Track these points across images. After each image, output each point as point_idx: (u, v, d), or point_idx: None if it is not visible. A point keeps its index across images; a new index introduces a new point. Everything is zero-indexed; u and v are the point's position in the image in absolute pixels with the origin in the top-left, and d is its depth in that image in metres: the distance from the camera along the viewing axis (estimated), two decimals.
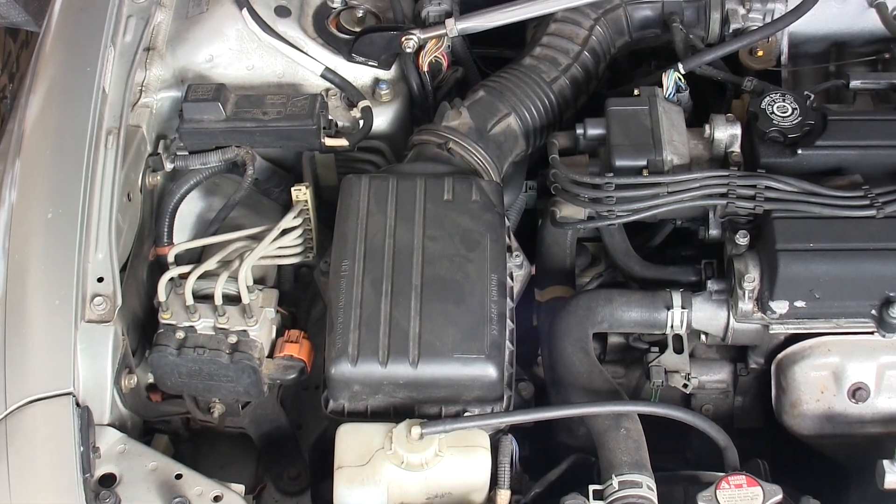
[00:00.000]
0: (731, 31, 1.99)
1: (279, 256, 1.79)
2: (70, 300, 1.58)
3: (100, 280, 1.60)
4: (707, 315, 1.72)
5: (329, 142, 1.87)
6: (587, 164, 1.82)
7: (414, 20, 2.06)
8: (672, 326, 1.72)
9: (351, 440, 1.49)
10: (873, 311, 1.64)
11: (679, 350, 1.78)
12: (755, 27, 1.97)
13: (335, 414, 1.55)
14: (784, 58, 2.04)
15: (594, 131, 1.81)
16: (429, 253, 1.60)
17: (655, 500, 1.47)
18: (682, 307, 1.71)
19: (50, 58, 1.85)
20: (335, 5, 2.04)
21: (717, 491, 1.49)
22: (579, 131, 1.82)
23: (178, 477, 1.54)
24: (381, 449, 1.47)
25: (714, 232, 1.74)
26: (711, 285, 1.71)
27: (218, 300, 1.66)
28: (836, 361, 1.70)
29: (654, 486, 1.48)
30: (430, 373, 1.51)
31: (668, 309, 1.71)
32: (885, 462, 1.54)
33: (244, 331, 1.67)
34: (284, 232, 1.76)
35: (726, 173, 1.69)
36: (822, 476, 1.76)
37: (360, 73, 2.00)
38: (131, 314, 1.70)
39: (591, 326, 1.71)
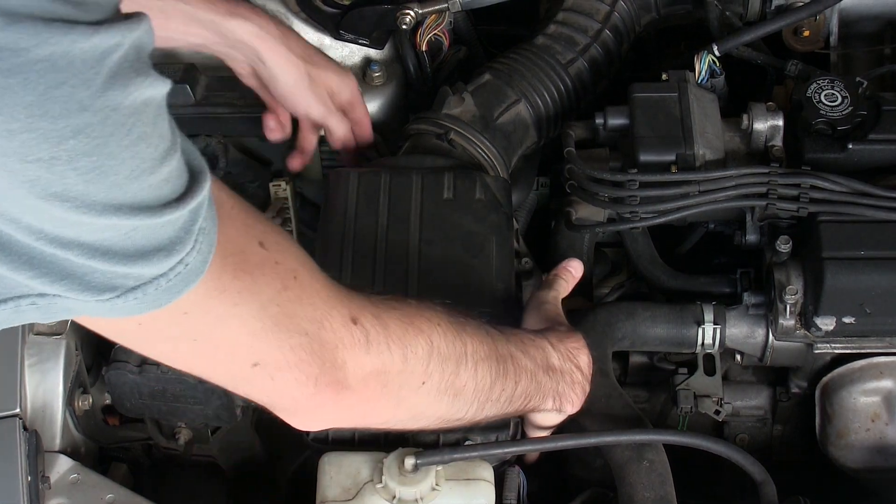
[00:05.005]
0: (773, 7, 2.00)
1: None
2: None
3: None
4: (743, 332, 1.74)
5: None
6: (607, 158, 1.84)
7: None
8: (703, 345, 1.74)
9: (335, 472, 1.50)
10: None
11: (710, 371, 1.79)
12: (801, 3, 1.98)
13: (317, 442, 1.57)
14: (833, 39, 2.05)
15: (616, 121, 1.83)
16: (426, 258, 1.62)
17: None
18: (715, 323, 1.73)
19: None
20: None
21: None
22: (599, 121, 1.84)
23: None
24: (369, 482, 1.48)
25: (751, 237, 1.76)
26: (748, 298, 1.73)
27: None
28: (889, 386, 1.72)
29: None
30: None
31: (699, 325, 1.73)
32: None
33: None
34: None
35: (766, 170, 1.70)
36: None
37: (348, 53, 2.02)
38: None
39: (611, 344, 1.73)
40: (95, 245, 0.90)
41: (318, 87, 1.74)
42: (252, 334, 1.11)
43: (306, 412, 1.26)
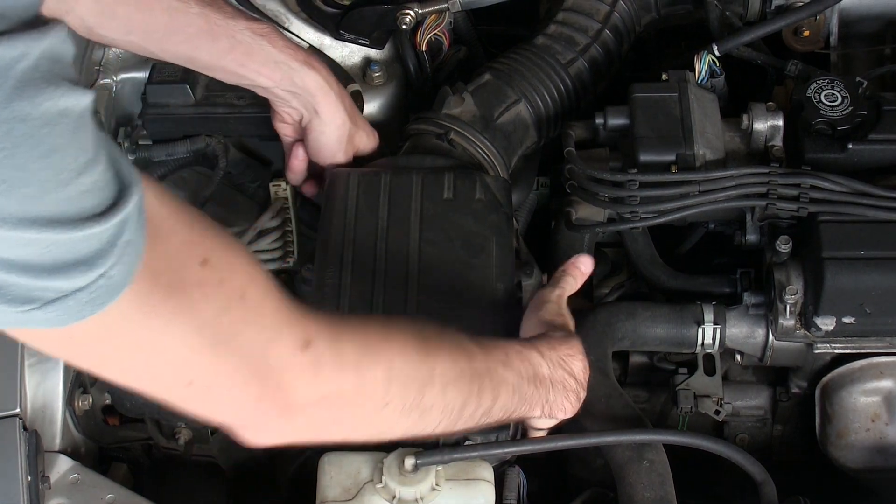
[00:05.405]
0: (773, 7, 2.01)
1: None
2: None
3: None
4: (743, 332, 1.74)
5: None
6: (607, 158, 1.84)
7: None
8: (703, 345, 1.74)
9: (335, 472, 1.50)
10: None
11: (710, 372, 1.79)
12: (801, 3, 1.98)
13: None
14: (833, 39, 2.05)
15: (616, 121, 1.83)
16: (426, 259, 1.62)
17: None
18: (715, 323, 1.73)
19: None
20: None
21: None
22: (599, 121, 1.84)
23: None
24: (369, 482, 1.48)
25: (751, 237, 1.76)
26: (748, 298, 1.73)
27: None
28: (889, 386, 1.72)
29: None
30: None
31: (699, 325, 1.73)
32: None
33: None
34: (261, 234, 1.78)
35: (766, 170, 1.70)
36: None
37: (348, 53, 2.02)
38: None
39: (611, 344, 1.73)
40: (12, 260, 0.87)
41: (350, 146, 1.79)
42: (187, 354, 1.07)
43: (250, 430, 1.22)
